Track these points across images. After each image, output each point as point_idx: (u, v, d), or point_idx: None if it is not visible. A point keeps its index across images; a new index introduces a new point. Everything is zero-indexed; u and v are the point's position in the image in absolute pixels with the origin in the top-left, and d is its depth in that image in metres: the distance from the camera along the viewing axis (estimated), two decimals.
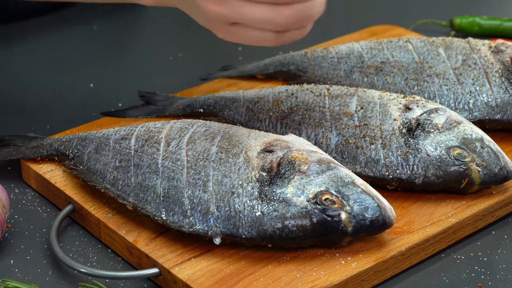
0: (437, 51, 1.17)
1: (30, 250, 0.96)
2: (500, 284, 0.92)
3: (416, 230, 0.95)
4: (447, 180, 0.99)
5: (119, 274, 0.90)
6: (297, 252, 0.92)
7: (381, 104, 1.05)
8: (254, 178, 0.92)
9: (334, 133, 1.03)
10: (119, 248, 0.95)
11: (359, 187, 0.92)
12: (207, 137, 0.97)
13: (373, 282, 0.91)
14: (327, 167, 0.93)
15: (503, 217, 1.02)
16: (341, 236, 0.91)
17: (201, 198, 0.92)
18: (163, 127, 1.01)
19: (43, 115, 1.23)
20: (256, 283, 0.87)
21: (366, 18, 1.56)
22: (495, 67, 1.13)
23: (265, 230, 0.90)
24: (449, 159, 0.99)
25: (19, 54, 1.40)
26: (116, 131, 1.03)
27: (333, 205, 0.90)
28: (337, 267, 0.90)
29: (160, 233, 0.94)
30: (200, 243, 0.92)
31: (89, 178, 0.99)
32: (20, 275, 0.92)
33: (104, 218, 0.96)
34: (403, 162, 0.99)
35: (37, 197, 1.05)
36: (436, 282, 0.92)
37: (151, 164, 0.96)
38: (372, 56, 1.18)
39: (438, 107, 1.04)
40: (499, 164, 0.99)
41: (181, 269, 0.89)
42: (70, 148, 1.03)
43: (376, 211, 0.91)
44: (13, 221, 1.00)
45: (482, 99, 1.11)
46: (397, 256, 0.92)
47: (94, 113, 1.21)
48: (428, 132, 1.01)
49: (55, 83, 1.33)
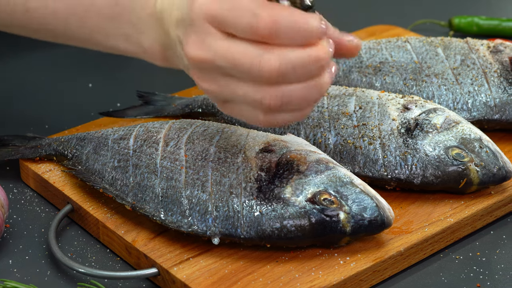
0: (435, 51, 1.17)
1: (29, 250, 0.96)
2: (499, 284, 0.92)
3: (415, 230, 0.95)
4: (446, 180, 0.99)
5: (118, 274, 0.90)
6: (296, 252, 0.92)
7: (379, 104, 1.05)
8: (252, 178, 0.92)
9: (332, 133, 1.03)
10: (117, 248, 0.95)
11: (357, 187, 0.92)
12: (206, 137, 0.97)
13: (371, 282, 0.91)
14: (326, 167, 0.93)
15: (502, 217, 1.02)
16: (339, 236, 0.91)
17: (199, 198, 0.92)
18: (162, 127, 1.01)
19: (41, 115, 1.23)
20: (254, 283, 0.87)
21: (365, 18, 1.56)
22: (494, 67, 1.13)
23: (264, 230, 0.90)
24: (447, 159, 0.99)
25: (18, 54, 1.40)
26: (114, 131, 1.03)
27: (331, 205, 0.90)
28: (335, 267, 0.90)
29: (158, 233, 0.94)
30: (198, 243, 0.92)
31: (88, 178, 0.99)
32: (18, 275, 0.92)
33: (102, 218, 0.96)
34: (402, 162, 0.99)
35: (35, 197, 1.05)
36: (435, 282, 0.92)
37: (149, 164, 0.96)
38: (370, 56, 1.18)
39: (436, 107, 1.04)
40: (497, 164, 1.00)
41: (179, 269, 0.89)
42: (68, 148, 1.03)
43: (374, 211, 0.91)
44: (12, 221, 1.00)
45: (481, 99, 1.11)
46: (396, 256, 0.92)
47: (92, 113, 1.21)
48: (426, 132, 1.01)
49: (54, 83, 1.33)
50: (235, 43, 0.80)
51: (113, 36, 0.93)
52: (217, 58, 0.81)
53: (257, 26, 0.78)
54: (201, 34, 0.81)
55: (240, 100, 0.82)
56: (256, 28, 0.78)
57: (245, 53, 0.79)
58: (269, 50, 0.79)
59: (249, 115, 0.83)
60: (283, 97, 0.81)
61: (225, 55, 0.80)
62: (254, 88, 0.81)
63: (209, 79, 0.83)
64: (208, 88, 0.84)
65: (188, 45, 0.82)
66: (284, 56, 0.79)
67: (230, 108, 0.85)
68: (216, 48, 0.80)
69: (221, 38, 0.80)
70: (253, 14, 0.78)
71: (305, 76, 0.81)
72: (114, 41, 0.94)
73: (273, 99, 0.81)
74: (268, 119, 0.83)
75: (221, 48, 0.80)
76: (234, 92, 0.82)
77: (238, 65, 0.80)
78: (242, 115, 0.84)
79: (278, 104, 0.81)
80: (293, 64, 0.79)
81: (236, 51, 0.80)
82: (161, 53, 0.91)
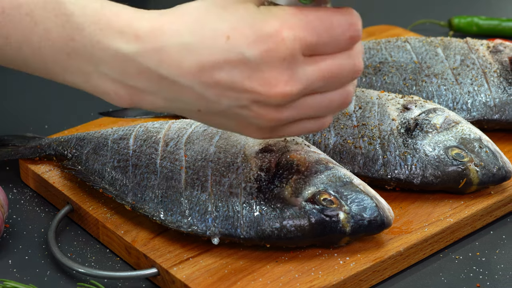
0: (435, 51, 1.17)
1: (29, 250, 0.96)
2: (499, 284, 0.92)
3: (415, 230, 0.95)
4: (445, 180, 0.99)
5: (117, 274, 0.90)
6: (296, 252, 0.92)
7: (379, 104, 1.05)
8: (252, 178, 0.92)
9: (332, 133, 1.03)
10: (117, 248, 0.95)
11: (357, 187, 0.92)
12: (206, 137, 0.97)
13: (371, 282, 0.91)
14: (325, 167, 0.93)
15: (502, 217, 1.02)
16: (339, 236, 0.91)
17: (199, 198, 0.92)
18: (162, 127, 1.01)
19: (41, 115, 1.23)
20: (254, 283, 0.87)
21: (364, 18, 1.55)
22: (493, 67, 1.13)
23: (264, 230, 0.90)
24: (447, 159, 0.99)
25: None
26: (114, 131, 1.03)
27: (331, 205, 0.90)
28: (335, 267, 0.90)
29: (158, 233, 0.94)
30: (198, 243, 0.92)
31: (88, 178, 0.99)
32: (18, 275, 0.92)
33: (102, 218, 0.96)
34: (401, 162, 0.99)
35: (35, 197, 1.05)
36: (435, 282, 0.92)
37: (149, 164, 0.96)
38: (370, 56, 1.18)
39: (436, 107, 1.04)
40: (497, 164, 1.00)
41: (179, 269, 0.89)
42: (68, 148, 1.03)
43: (374, 211, 0.91)
44: (11, 221, 1.00)
45: (481, 99, 1.11)
46: (396, 256, 0.92)
47: (92, 113, 1.21)
48: (426, 132, 1.01)
49: (54, 83, 1.33)
50: (323, 61, 0.79)
51: (69, 72, 0.84)
52: (310, 83, 0.79)
53: (354, 35, 0.79)
54: (289, 66, 0.77)
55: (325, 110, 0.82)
56: (354, 37, 0.79)
57: (340, 64, 0.79)
58: (347, 55, 0.79)
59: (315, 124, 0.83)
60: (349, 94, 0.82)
61: (320, 76, 0.79)
62: (341, 91, 0.81)
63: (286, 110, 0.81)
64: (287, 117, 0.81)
65: (272, 84, 0.78)
66: (359, 57, 0.81)
67: (323, 124, 0.84)
68: (307, 75, 0.78)
69: (307, 63, 0.78)
70: (349, 24, 0.79)
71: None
72: (72, 77, 0.84)
73: (350, 96, 0.82)
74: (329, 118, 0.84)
75: (313, 72, 0.79)
76: (320, 104, 0.81)
77: (336, 77, 0.80)
78: (305, 127, 0.83)
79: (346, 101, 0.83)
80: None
81: (332, 66, 0.79)
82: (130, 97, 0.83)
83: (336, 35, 0.78)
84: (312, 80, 0.78)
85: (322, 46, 0.78)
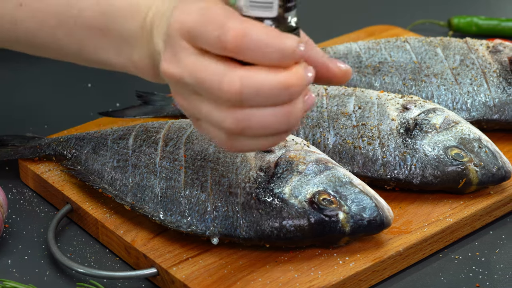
0: (435, 51, 1.17)
1: (28, 250, 0.96)
2: (498, 284, 0.92)
3: (414, 230, 0.95)
4: (445, 180, 0.99)
5: (117, 274, 0.90)
6: (295, 252, 0.92)
7: (379, 104, 1.05)
8: (252, 178, 0.92)
9: (331, 133, 1.03)
10: (117, 248, 0.95)
11: (357, 187, 0.92)
12: (205, 137, 0.97)
13: (370, 282, 0.91)
14: (325, 167, 0.93)
15: (501, 217, 1.02)
16: (339, 236, 0.91)
17: (199, 198, 0.92)
18: (161, 127, 1.01)
19: (41, 115, 1.23)
20: (254, 283, 0.87)
21: (364, 18, 1.56)
22: (493, 67, 1.13)
23: (263, 230, 0.90)
24: (447, 159, 0.99)
25: (16, 54, 1.40)
26: (114, 131, 1.03)
27: (331, 205, 0.90)
28: (334, 267, 0.90)
29: (158, 233, 0.94)
30: (198, 243, 0.92)
31: (87, 178, 0.99)
32: (18, 275, 0.92)
33: (102, 218, 0.96)
34: (401, 162, 0.99)
35: (35, 197, 1.05)
36: (434, 282, 0.92)
37: (149, 164, 0.96)
38: (370, 56, 1.18)
39: (436, 107, 1.04)
40: (497, 164, 1.00)
41: (178, 269, 0.89)
42: (68, 148, 1.03)
43: (374, 211, 0.91)
44: (11, 221, 1.00)
45: (480, 99, 1.11)
46: (395, 256, 0.92)
47: (92, 113, 1.21)
48: (426, 132, 1.01)
49: (53, 83, 1.33)
50: (203, 59, 0.75)
51: (101, 49, 0.88)
52: (185, 75, 0.76)
53: (225, 39, 0.73)
54: (175, 48, 0.77)
55: (205, 120, 0.78)
56: (224, 41, 0.73)
57: (209, 71, 0.74)
58: (233, 69, 0.74)
59: (214, 136, 0.78)
60: (242, 120, 0.75)
61: (191, 72, 0.76)
62: (216, 108, 0.76)
63: (181, 95, 0.79)
64: (181, 104, 0.80)
65: (163, 59, 0.78)
66: (248, 77, 0.73)
67: (199, 126, 0.80)
68: (185, 64, 0.76)
69: (192, 53, 0.76)
70: (222, 26, 0.73)
71: (271, 101, 0.74)
72: (104, 54, 0.88)
73: (233, 122, 0.75)
74: (231, 143, 0.77)
75: (189, 64, 0.76)
76: (200, 110, 0.77)
77: (201, 83, 0.75)
78: (209, 134, 0.79)
79: (237, 128, 0.75)
80: (257, 87, 0.73)
81: (202, 68, 0.75)
82: (152, 68, 0.86)
83: (209, 29, 0.74)
84: (187, 71, 0.76)
85: (198, 37, 0.75)
